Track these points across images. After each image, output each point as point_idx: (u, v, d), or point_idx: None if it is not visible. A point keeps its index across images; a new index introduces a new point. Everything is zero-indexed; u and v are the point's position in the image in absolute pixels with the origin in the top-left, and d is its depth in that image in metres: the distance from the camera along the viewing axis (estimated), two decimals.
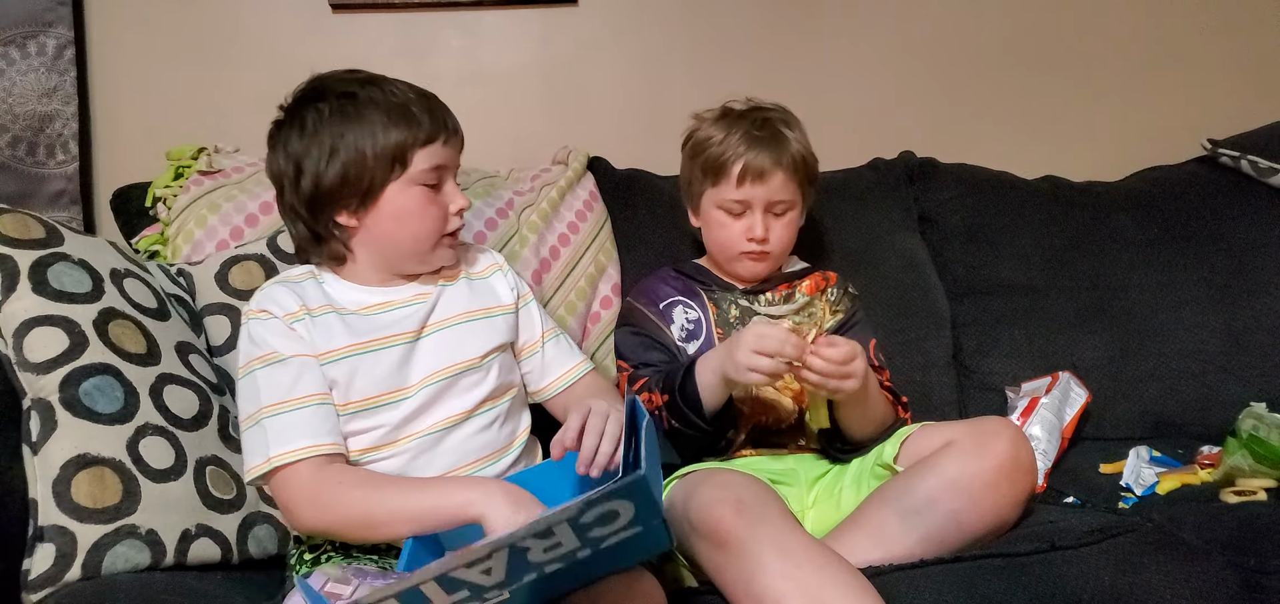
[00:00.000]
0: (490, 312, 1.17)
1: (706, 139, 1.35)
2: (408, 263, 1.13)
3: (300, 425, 1.00)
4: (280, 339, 1.05)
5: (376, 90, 1.08)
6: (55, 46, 1.58)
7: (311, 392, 1.03)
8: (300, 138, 1.07)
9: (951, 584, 0.98)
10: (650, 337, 1.35)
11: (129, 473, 0.98)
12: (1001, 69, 1.93)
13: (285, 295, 1.08)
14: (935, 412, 1.51)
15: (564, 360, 1.23)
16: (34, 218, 1.10)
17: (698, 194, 1.38)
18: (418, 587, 0.73)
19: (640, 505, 0.75)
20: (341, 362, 1.05)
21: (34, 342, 1.01)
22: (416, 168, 1.07)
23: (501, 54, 1.79)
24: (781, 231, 1.35)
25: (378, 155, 1.05)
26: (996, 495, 1.07)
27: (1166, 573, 0.98)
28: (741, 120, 1.34)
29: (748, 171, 1.30)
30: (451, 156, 1.12)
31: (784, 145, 1.32)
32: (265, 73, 1.70)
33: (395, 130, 1.06)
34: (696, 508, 1.01)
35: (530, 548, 0.74)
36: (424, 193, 1.09)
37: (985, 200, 1.72)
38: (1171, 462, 1.42)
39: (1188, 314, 1.62)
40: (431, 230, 1.11)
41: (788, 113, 1.38)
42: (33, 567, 0.91)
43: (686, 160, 1.40)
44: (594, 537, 0.76)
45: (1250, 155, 1.72)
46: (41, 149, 1.59)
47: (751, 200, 1.32)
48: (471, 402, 1.10)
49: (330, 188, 1.06)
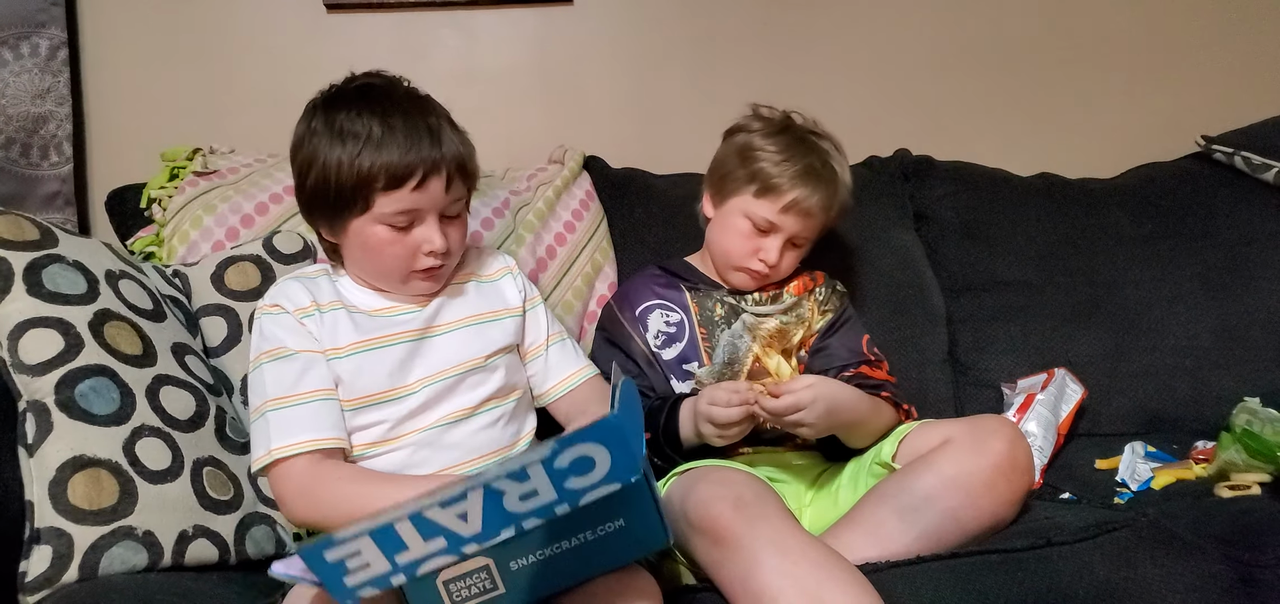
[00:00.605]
0: (497, 314, 1.18)
1: (763, 149, 1.30)
2: (384, 286, 1.13)
3: (301, 420, 1.01)
4: (289, 334, 1.06)
5: (361, 120, 1.03)
6: (48, 47, 1.57)
7: (315, 387, 1.04)
8: (298, 138, 1.08)
9: (949, 581, 0.98)
10: (620, 347, 1.35)
11: (126, 474, 0.98)
12: (997, 67, 1.93)
13: (298, 291, 1.10)
14: (931, 408, 1.51)
15: (567, 365, 1.23)
16: (28, 219, 1.10)
17: (730, 192, 1.34)
18: (392, 525, 0.73)
19: (615, 454, 0.73)
20: (348, 358, 1.07)
21: (29, 343, 1.01)
22: (379, 209, 1.04)
23: (497, 53, 1.79)
24: (791, 261, 1.34)
25: (340, 187, 1.03)
26: (994, 494, 1.07)
27: (1162, 568, 0.99)
28: (804, 148, 1.30)
29: (796, 206, 1.28)
30: (427, 200, 1.05)
31: (836, 192, 1.31)
32: (260, 73, 1.70)
33: (360, 166, 1.02)
34: (695, 505, 1.01)
35: (505, 492, 0.73)
36: (389, 232, 1.05)
37: (981, 197, 1.72)
38: (1166, 457, 1.42)
39: (1182, 310, 1.62)
40: (398, 268, 1.08)
41: (840, 148, 1.35)
42: (29, 568, 0.91)
43: (731, 154, 1.34)
44: (571, 488, 0.75)
45: (1244, 151, 1.73)
46: (35, 150, 1.58)
47: (783, 228, 1.30)
48: (475, 400, 1.11)
49: (307, 200, 1.08)
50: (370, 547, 0.74)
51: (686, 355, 1.33)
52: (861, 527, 1.08)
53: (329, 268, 1.16)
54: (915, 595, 0.96)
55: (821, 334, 1.36)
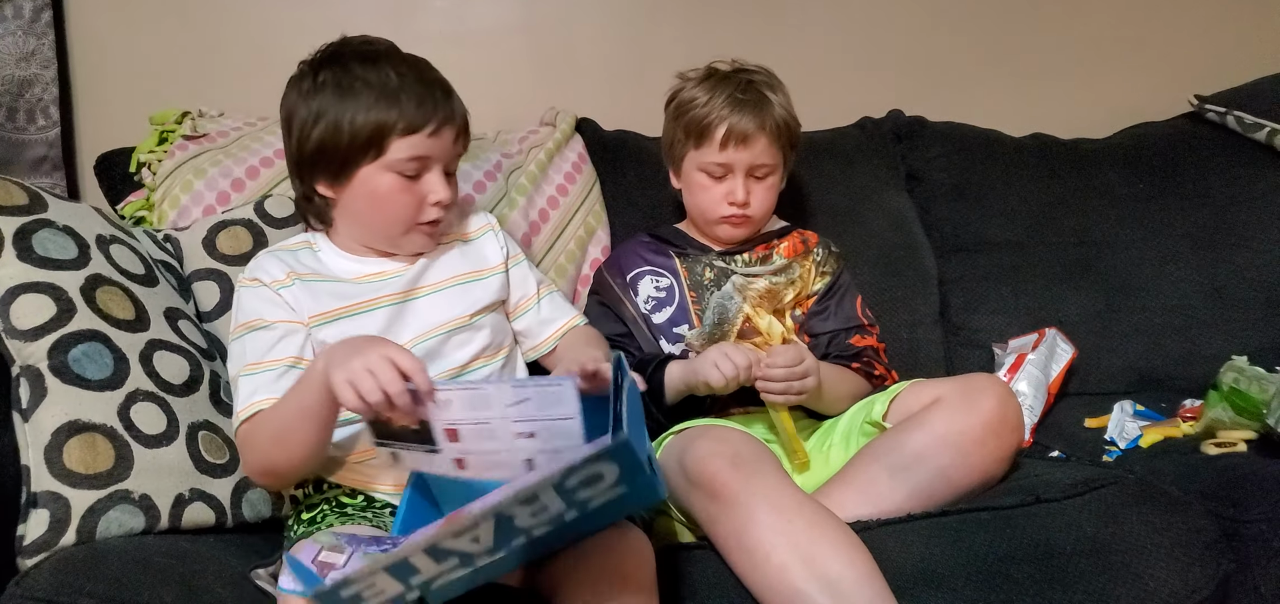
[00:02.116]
0: (480, 273, 1.19)
1: (690, 100, 1.34)
2: (380, 243, 1.14)
3: (264, 385, 1.03)
4: (266, 306, 1.08)
5: (375, 70, 1.07)
6: (32, 9, 1.55)
7: (284, 356, 1.05)
8: (298, 98, 1.09)
9: (939, 538, 1.00)
10: (611, 309, 1.37)
11: (121, 439, 0.98)
12: (990, 27, 1.92)
13: (273, 264, 1.11)
14: (922, 369, 1.52)
15: (560, 315, 1.25)
16: (16, 184, 1.09)
17: (680, 156, 1.37)
18: (407, 559, 0.74)
19: (625, 466, 0.75)
20: (331, 325, 1.08)
21: (20, 309, 1.01)
22: (393, 155, 1.07)
23: (486, 14, 1.77)
24: (763, 196, 1.35)
25: (354, 134, 1.05)
26: (984, 451, 1.08)
27: (1149, 523, 1.00)
28: (726, 82, 1.33)
29: (731, 135, 1.30)
30: (438, 148, 1.09)
31: (768, 109, 1.31)
32: (249, 35, 1.68)
33: (376, 113, 1.05)
34: (693, 460, 1.03)
35: (516, 515, 0.75)
36: (398, 180, 1.08)
37: (973, 158, 1.72)
38: (1154, 415, 1.44)
39: (1172, 269, 1.63)
40: (403, 217, 1.10)
41: (772, 75, 1.37)
42: (27, 532, 0.92)
43: (669, 120, 1.39)
44: (580, 499, 0.77)
45: (1236, 111, 1.73)
46: (21, 114, 1.56)
47: (734, 164, 1.32)
48: (462, 359, 1.12)
49: (310, 154, 1.08)
50: (385, 578, 0.75)
51: (677, 319, 1.35)
52: (853, 485, 1.10)
53: (310, 238, 1.17)
54: (906, 552, 0.97)
55: (820, 297, 1.37)
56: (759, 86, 1.33)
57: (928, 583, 0.95)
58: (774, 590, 0.92)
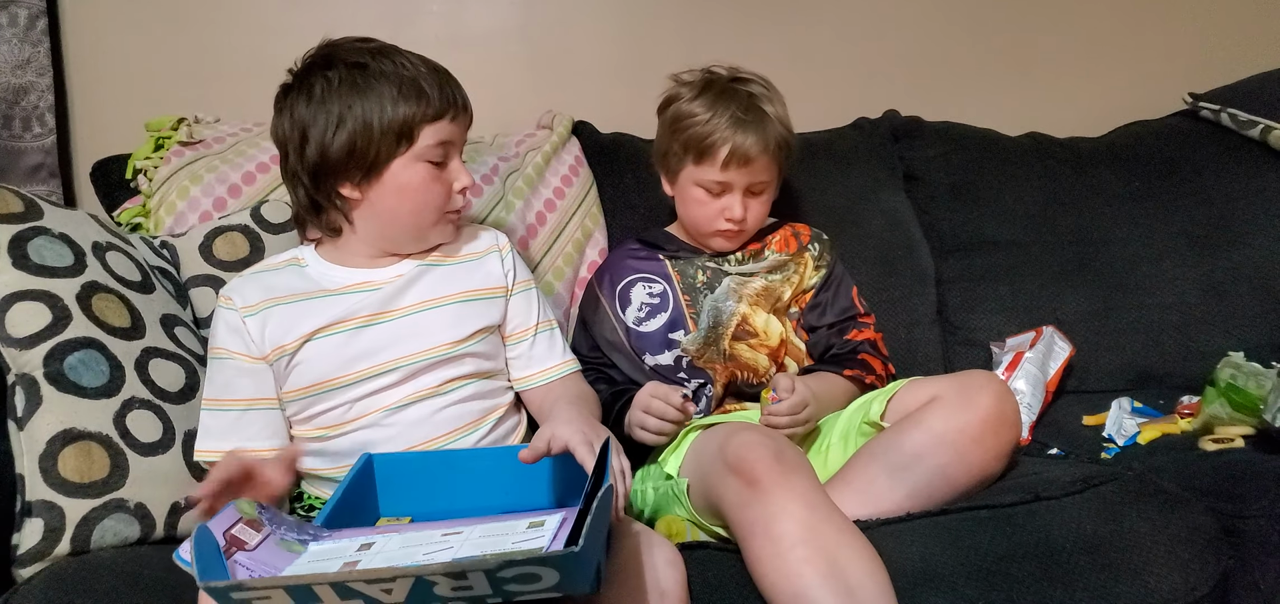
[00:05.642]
0: (478, 293, 1.17)
1: (690, 116, 1.31)
2: (405, 239, 1.14)
3: (219, 431, 1.05)
4: (229, 334, 1.09)
5: (387, 62, 1.07)
6: (27, 17, 1.54)
7: (240, 396, 1.07)
8: (308, 105, 1.07)
9: (938, 537, 0.99)
10: (592, 331, 1.38)
11: (116, 447, 0.98)
12: (986, 27, 1.92)
13: (251, 288, 1.12)
14: (920, 368, 1.52)
15: (549, 357, 1.22)
16: (12, 192, 1.09)
17: (676, 168, 1.35)
18: (311, 587, 0.70)
19: (566, 577, 0.70)
20: (322, 339, 1.08)
21: (15, 317, 1.00)
22: (423, 144, 1.08)
23: (483, 17, 1.77)
24: (758, 210, 1.34)
25: (385, 129, 1.06)
26: (982, 449, 1.08)
27: (1147, 520, 1.00)
28: (727, 99, 1.30)
29: (734, 156, 1.28)
30: (459, 133, 1.12)
31: (769, 129, 1.30)
32: (244, 41, 1.68)
33: (404, 104, 1.06)
34: (737, 446, 1.01)
35: (438, 584, 0.70)
36: (428, 169, 1.09)
37: (970, 158, 1.72)
38: (1152, 412, 1.44)
39: (1168, 267, 1.63)
40: (434, 206, 1.11)
41: (769, 85, 1.35)
42: (21, 541, 0.91)
43: (665, 130, 1.37)
44: (508, 590, 0.71)
45: (1231, 108, 1.73)
46: (17, 122, 1.56)
47: (733, 183, 1.30)
48: (447, 377, 1.11)
49: (336, 158, 1.07)
50: (283, 598, 0.71)
51: (672, 324, 1.34)
52: (852, 485, 1.09)
53: (298, 254, 1.16)
54: (906, 551, 0.97)
55: (816, 291, 1.38)
56: (759, 103, 1.31)
57: (928, 582, 0.94)
58: (787, 579, 0.91)
